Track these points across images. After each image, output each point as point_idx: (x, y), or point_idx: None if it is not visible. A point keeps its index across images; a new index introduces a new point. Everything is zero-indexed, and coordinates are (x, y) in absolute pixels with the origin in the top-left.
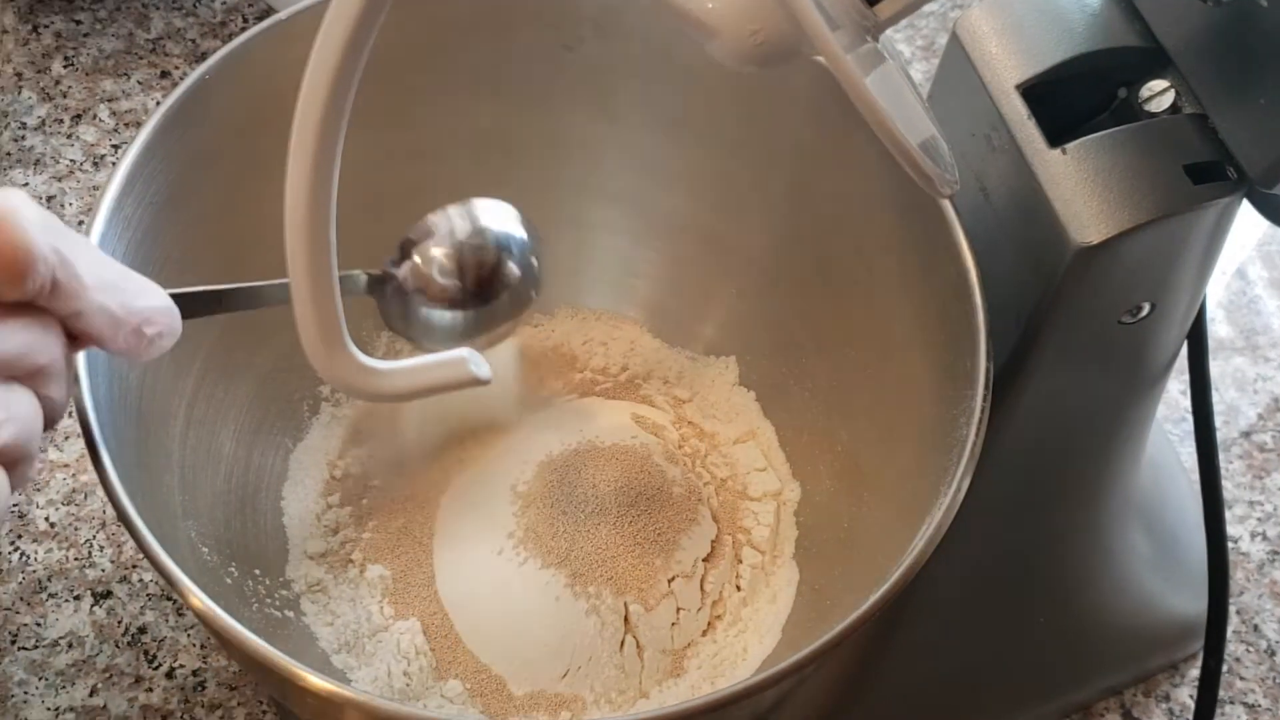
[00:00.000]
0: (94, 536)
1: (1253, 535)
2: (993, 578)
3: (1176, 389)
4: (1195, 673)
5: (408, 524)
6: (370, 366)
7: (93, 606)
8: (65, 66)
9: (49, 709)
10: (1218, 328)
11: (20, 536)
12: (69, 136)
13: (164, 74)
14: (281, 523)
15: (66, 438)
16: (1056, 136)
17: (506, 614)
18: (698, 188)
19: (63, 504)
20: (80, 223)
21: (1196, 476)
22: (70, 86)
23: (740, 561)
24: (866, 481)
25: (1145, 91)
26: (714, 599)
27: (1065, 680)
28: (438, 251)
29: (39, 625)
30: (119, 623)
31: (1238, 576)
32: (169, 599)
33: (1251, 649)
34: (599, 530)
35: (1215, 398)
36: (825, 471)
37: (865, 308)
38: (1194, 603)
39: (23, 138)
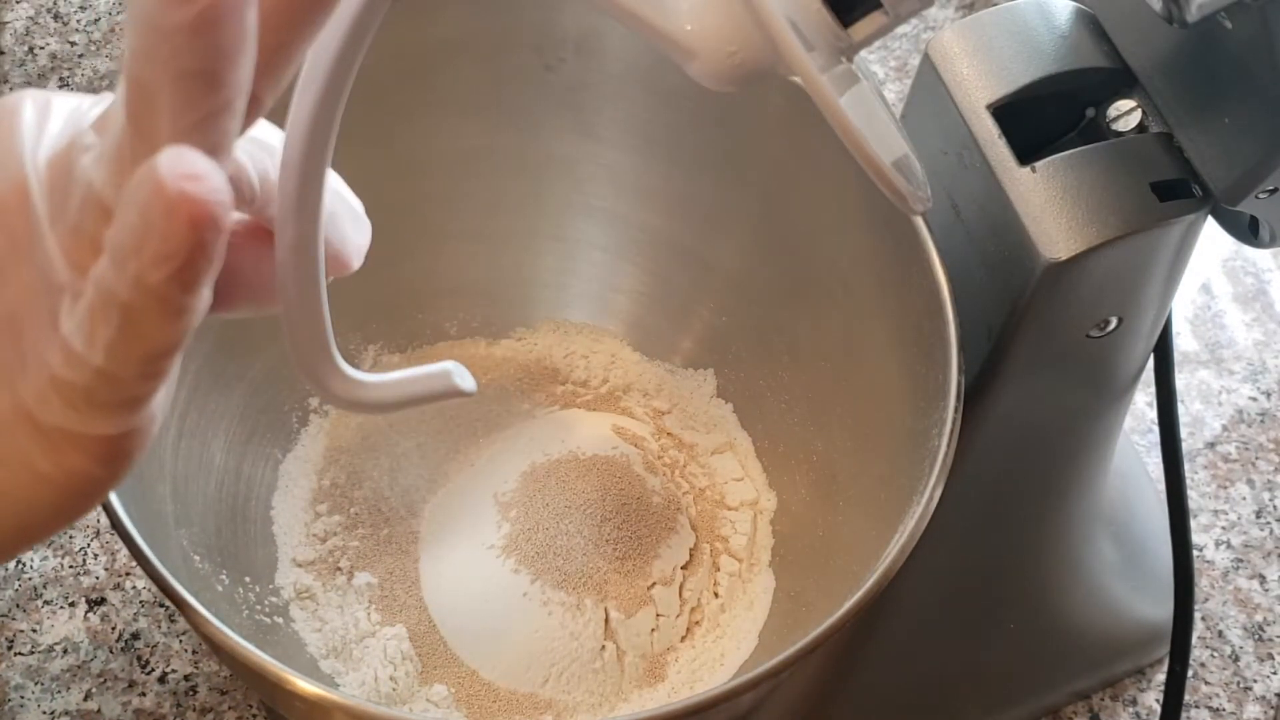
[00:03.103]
0: (89, 545)
1: (1217, 544)
2: (964, 585)
3: (1143, 401)
4: (1161, 678)
5: (394, 533)
6: (356, 378)
7: (87, 613)
8: (61, 87)
9: (45, 713)
10: (1183, 341)
11: None
12: None
13: None
14: (271, 531)
15: None
16: (1026, 155)
17: (490, 620)
18: (676, 204)
19: None
20: None
21: (1163, 486)
22: None
23: (718, 569)
24: (841, 491)
25: (1112, 111)
26: (692, 606)
27: (1034, 685)
28: None
29: (35, 631)
30: (113, 629)
31: (1202, 584)
32: (161, 606)
33: (1216, 654)
34: (580, 538)
35: (1181, 410)
36: (801, 481)
37: (840, 321)
38: (1160, 609)
39: None
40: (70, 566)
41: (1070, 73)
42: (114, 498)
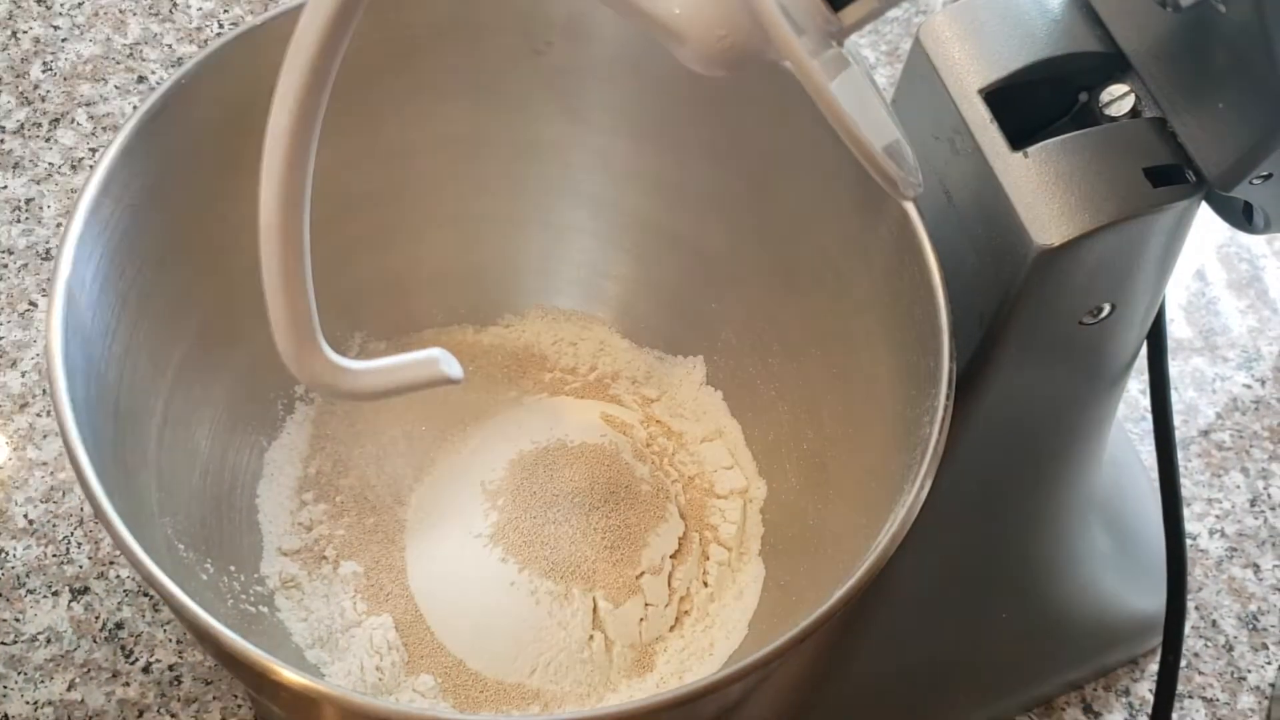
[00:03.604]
0: (72, 533)
1: (1211, 532)
2: (956, 574)
3: (1136, 388)
4: (1154, 668)
5: (380, 521)
6: (342, 365)
7: (70, 602)
8: (44, 71)
9: (28, 703)
10: (1177, 328)
11: None
12: (47, 140)
13: (141, 79)
14: (256, 520)
15: (45, 436)
16: (1018, 140)
17: (477, 609)
18: (665, 190)
19: (41, 501)
20: (58, 225)
21: (1156, 475)
22: (49, 91)
23: (707, 558)
24: (831, 480)
25: (1106, 96)
26: (681, 595)
27: (1027, 675)
28: None
29: (18, 621)
30: (96, 618)
31: (1196, 573)
32: (146, 595)
33: (1210, 644)
34: (568, 527)
35: (1174, 397)
36: (791, 469)
37: (830, 308)
38: (1153, 599)
39: (1, 141)
40: (53, 555)
41: (1063, 57)
42: (97, 486)
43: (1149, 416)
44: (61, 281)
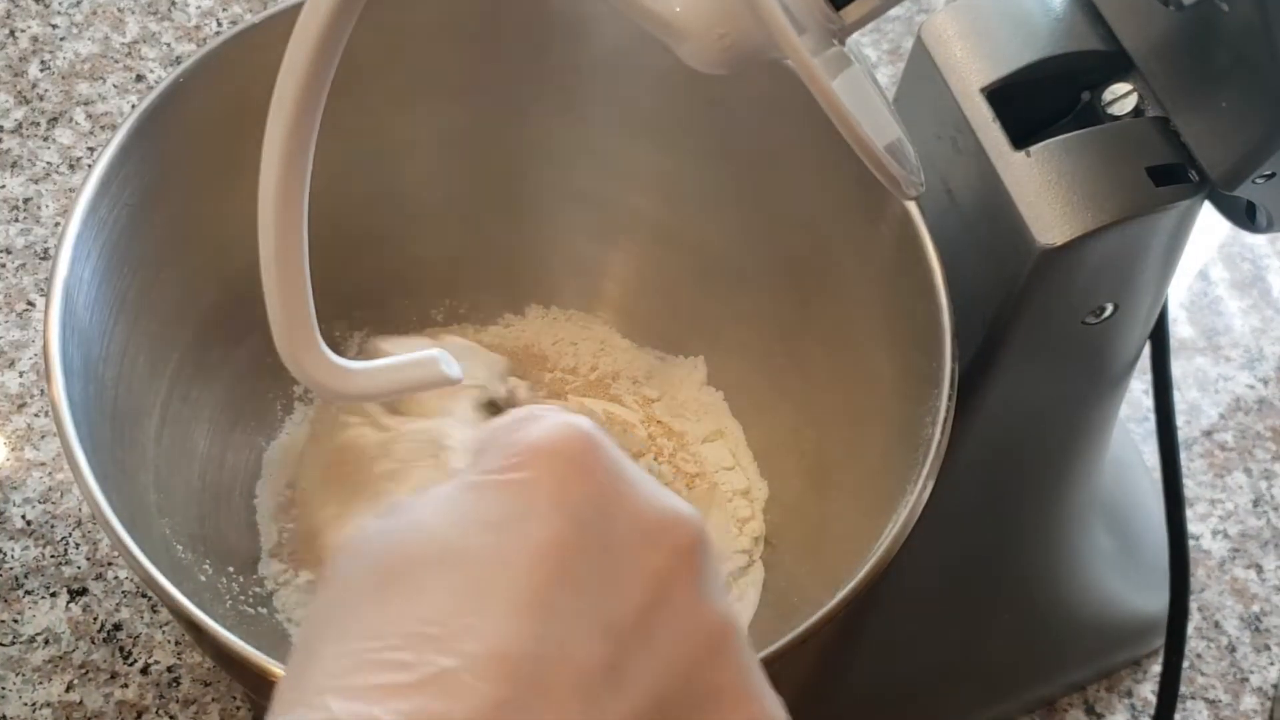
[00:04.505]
0: (70, 534)
1: (1214, 533)
2: (958, 575)
3: (1139, 388)
4: (1157, 669)
5: None
6: (341, 366)
7: (69, 603)
8: (42, 70)
9: (26, 704)
10: (1180, 328)
11: None
12: (45, 139)
13: (139, 77)
14: (254, 520)
15: (43, 436)
16: (1021, 139)
17: None
18: (666, 189)
19: (39, 502)
20: (56, 224)
21: (1159, 475)
22: (47, 90)
23: None
24: (833, 480)
25: (1108, 95)
26: None
27: (1029, 676)
28: None
29: (16, 622)
30: (95, 619)
31: (1199, 574)
32: (144, 596)
33: (1213, 645)
34: None
35: (1177, 397)
36: (792, 470)
37: (832, 308)
38: (1156, 599)
39: None
40: (51, 556)
41: (1065, 56)
42: (95, 487)
43: (1151, 416)
44: (59, 281)
